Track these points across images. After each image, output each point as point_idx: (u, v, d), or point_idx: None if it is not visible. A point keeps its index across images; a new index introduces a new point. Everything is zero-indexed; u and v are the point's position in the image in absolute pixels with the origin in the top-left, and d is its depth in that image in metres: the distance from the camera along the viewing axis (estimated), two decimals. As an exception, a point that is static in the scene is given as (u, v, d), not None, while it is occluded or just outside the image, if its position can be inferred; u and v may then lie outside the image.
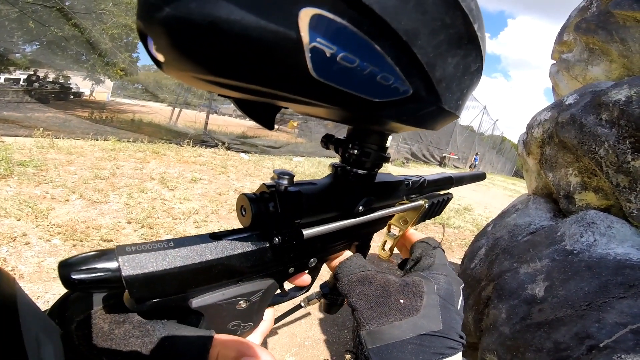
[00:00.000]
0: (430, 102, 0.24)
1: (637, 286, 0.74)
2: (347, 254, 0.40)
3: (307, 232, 0.31)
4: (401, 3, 0.17)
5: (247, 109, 0.24)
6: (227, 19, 0.15)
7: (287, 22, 0.16)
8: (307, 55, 0.17)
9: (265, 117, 0.24)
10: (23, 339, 0.18)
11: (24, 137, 4.17)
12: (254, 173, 5.04)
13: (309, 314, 1.97)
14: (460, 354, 0.32)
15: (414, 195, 0.48)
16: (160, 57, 0.18)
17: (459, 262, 1.54)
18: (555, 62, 1.60)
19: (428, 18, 0.19)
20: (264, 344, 1.66)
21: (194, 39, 0.16)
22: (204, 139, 6.57)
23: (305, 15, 0.16)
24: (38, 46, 6.10)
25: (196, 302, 0.26)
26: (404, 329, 0.31)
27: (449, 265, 0.41)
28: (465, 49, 0.23)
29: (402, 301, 0.33)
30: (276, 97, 0.21)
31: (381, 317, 0.32)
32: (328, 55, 0.17)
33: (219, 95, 0.23)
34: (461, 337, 0.33)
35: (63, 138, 4.52)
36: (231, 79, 0.18)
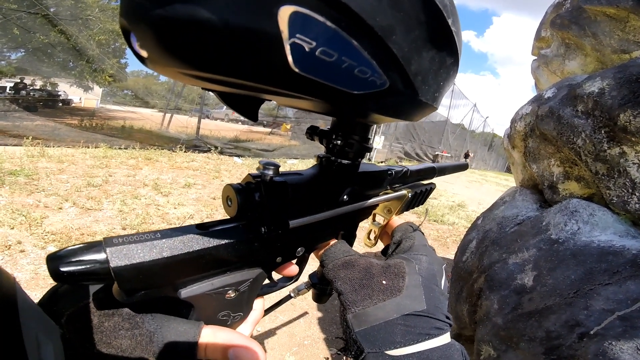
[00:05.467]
0: (408, 94, 0.25)
1: (620, 272, 0.76)
2: (333, 242, 0.40)
3: (293, 222, 0.32)
4: (376, 0, 0.18)
5: (231, 102, 0.24)
6: (211, 18, 0.16)
7: (267, 20, 0.16)
8: (288, 50, 0.18)
9: (249, 109, 0.25)
10: (23, 339, 0.18)
11: (13, 146, 4.11)
12: (247, 176, 5.02)
13: (306, 313, 1.97)
14: (447, 334, 0.32)
15: (397, 185, 0.49)
16: (144, 53, 0.18)
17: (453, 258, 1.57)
18: (535, 58, 1.65)
19: (403, 14, 0.20)
20: (262, 344, 1.66)
21: (179, 37, 0.17)
22: (197, 144, 6.53)
23: (284, 13, 0.16)
24: (24, 53, 5.99)
25: (185, 292, 0.26)
26: (387, 309, 0.32)
27: (429, 246, 0.41)
28: (440, 43, 0.24)
29: (384, 282, 0.34)
30: (259, 90, 0.22)
31: (365, 299, 0.33)
32: (307, 50, 0.18)
33: (202, 89, 0.23)
34: (447, 317, 0.33)
35: (53, 146, 4.46)
36: (215, 73, 0.19)
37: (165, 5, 0.16)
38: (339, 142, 0.34)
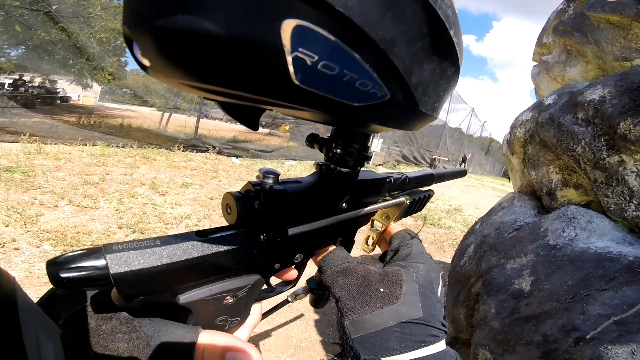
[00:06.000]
0: (408, 105, 0.25)
1: (617, 278, 0.77)
2: (331, 248, 0.41)
3: (291, 229, 0.32)
4: (379, 14, 0.18)
5: (232, 111, 0.25)
6: (214, 31, 0.16)
7: (270, 33, 0.16)
8: (290, 64, 0.18)
9: (250, 119, 0.25)
10: (23, 339, 0.18)
11: (10, 142, 4.09)
12: (245, 177, 5.01)
13: (303, 315, 1.97)
14: (443, 341, 0.33)
15: (396, 192, 0.49)
16: (146, 62, 0.18)
17: (450, 262, 1.57)
18: (536, 63, 1.65)
19: (405, 27, 0.20)
20: (259, 346, 1.65)
21: (181, 48, 0.17)
22: (195, 144, 6.52)
23: (287, 27, 0.16)
24: (24, 50, 5.99)
25: (184, 298, 0.27)
26: (384, 317, 0.32)
27: (426, 254, 0.41)
28: (442, 54, 0.24)
29: (382, 290, 0.34)
30: (260, 102, 0.22)
31: (363, 306, 0.33)
32: (309, 63, 0.18)
33: (203, 98, 0.24)
34: (443, 325, 0.34)
35: (50, 143, 4.43)
36: (217, 85, 0.19)
37: (168, 16, 0.16)
38: (338, 150, 0.34)
